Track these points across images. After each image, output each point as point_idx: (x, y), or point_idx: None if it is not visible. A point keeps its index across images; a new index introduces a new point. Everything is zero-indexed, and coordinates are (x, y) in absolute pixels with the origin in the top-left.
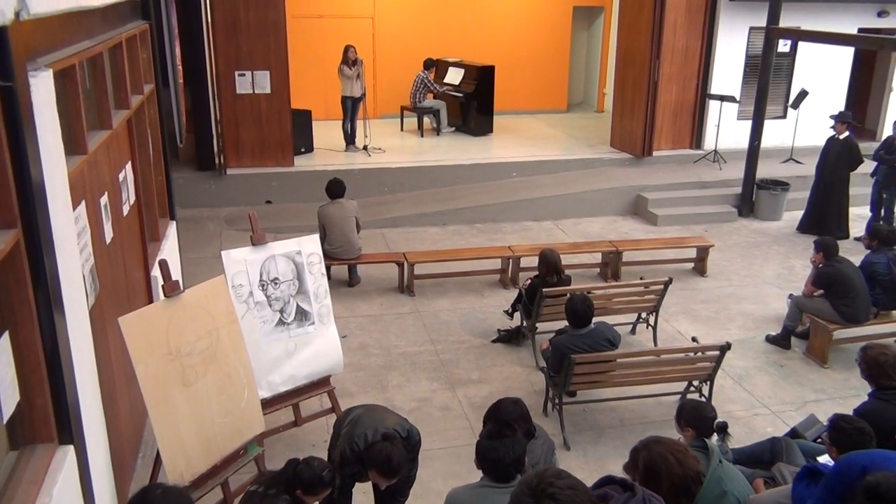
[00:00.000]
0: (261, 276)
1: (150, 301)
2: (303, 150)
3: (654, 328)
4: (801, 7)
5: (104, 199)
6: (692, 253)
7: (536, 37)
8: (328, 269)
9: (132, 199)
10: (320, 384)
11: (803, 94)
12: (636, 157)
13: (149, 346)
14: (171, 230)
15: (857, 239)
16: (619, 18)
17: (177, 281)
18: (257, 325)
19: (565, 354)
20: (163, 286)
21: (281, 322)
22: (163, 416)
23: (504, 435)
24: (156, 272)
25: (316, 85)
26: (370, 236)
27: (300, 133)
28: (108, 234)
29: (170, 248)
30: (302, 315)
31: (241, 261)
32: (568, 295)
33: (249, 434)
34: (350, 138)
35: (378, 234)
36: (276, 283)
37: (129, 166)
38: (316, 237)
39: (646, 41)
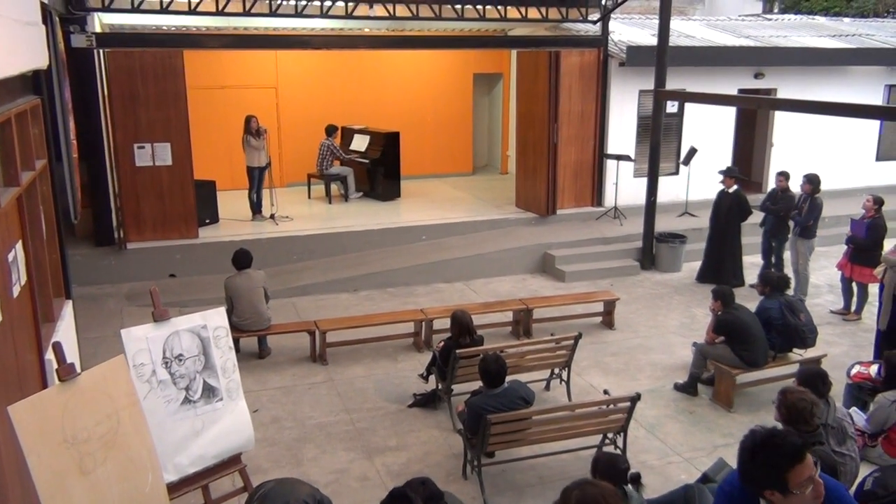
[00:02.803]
0: (164, 353)
1: (45, 386)
2: (207, 221)
3: (568, 383)
4: (685, 71)
5: None
6: (600, 307)
7: (439, 103)
8: (236, 341)
9: (23, 279)
10: (231, 463)
11: (693, 152)
12: (541, 216)
13: (42, 434)
14: (67, 310)
15: (751, 286)
16: (517, 85)
17: (72, 364)
18: (161, 405)
19: (481, 415)
20: (57, 370)
21: (187, 400)
22: None
23: None
24: (50, 355)
25: (220, 155)
26: (280, 306)
27: (204, 204)
28: None
29: (65, 329)
30: (209, 391)
31: (142, 338)
32: (481, 355)
33: None
34: (256, 207)
35: (288, 303)
36: (180, 360)
37: (19, 245)
38: (222, 310)
39: (543, 106)
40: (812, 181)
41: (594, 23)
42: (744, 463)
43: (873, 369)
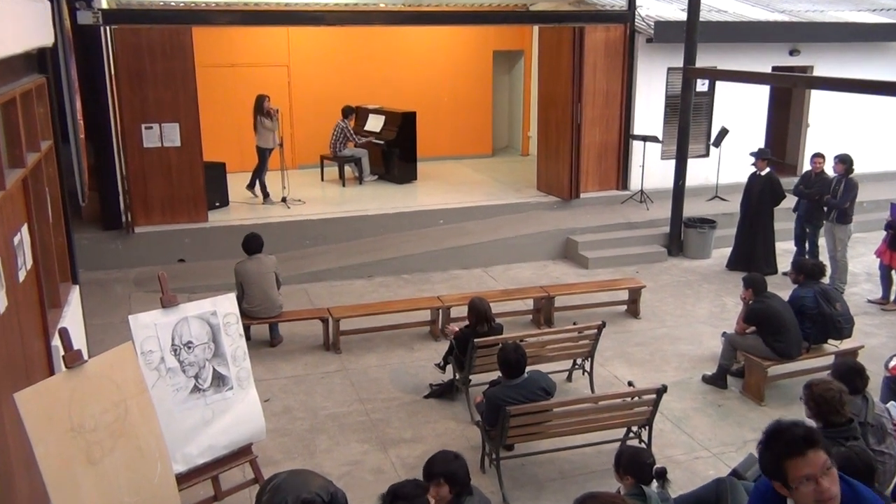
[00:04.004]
0: (173, 340)
1: (51, 373)
2: (217, 204)
3: (591, 374)
4: (716, 47)
5: None
6: (624, 295)
7: (458, 81)
8: (247, 329)
9: (29, 263)
10: (241, 453)
11: (724, 133)
12: (564, 200)
13: (49, 422)
14: (74, 295)
15: (784, 274)
16: (538, 63)
17: (79, 350)
18: (170, 394)
19: (500, 407)
20: (63, 356)
21: (196, 388)
22: (66, 498)
23: None
24: (56, 342)
25: (230, 136)
26: (292, 292)
27: (214, 186)
28: (2, 302)
29: (72, 315)
30: (219, 380)
31: (150, 325)
32: (500, 344)
33: None
34: (262, 190)
35: (300, 289)
36: (189, 348)
37: (24, 229)
38: (232, 296)
39: (566, 84)
40: (844, 161)
41: None
42: (759, 452)
43: None
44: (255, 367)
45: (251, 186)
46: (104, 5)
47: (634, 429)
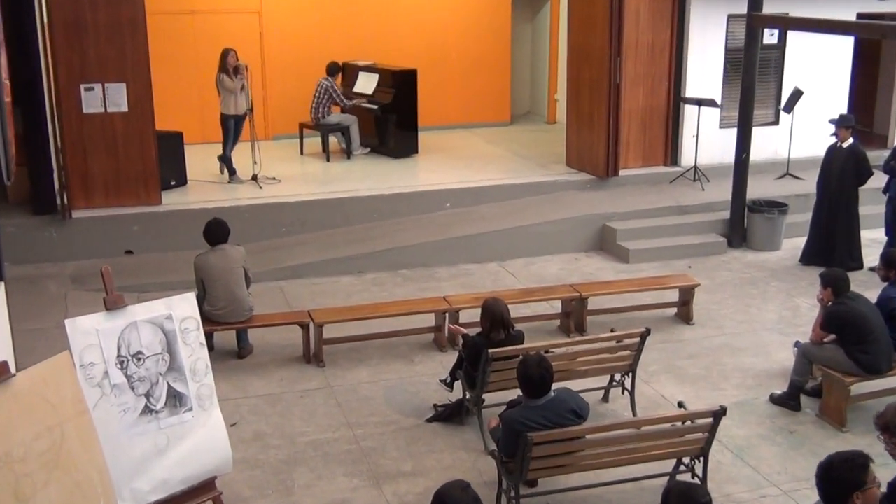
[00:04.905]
0: (119, 350)
1: None
2: (173, 183)
3: (632, 393)
4: None
5: None
6: (674, 295)
7: (468, 32)
8: (209, 336)
9: None
10: (203, 489)
11: (797, 95)
12: (599, 178)
13: None
14: None
15: (871, 269)
16: (569, 9)
17: (5, 362)
18: (115, 416)
19: (520, 433)
20: None
21: (147, 409)
22: None
23: None
24: None
25: (189, 99)
26: (264, 291)
27: (169, 162)
28: None
29: None
30: (175, 399)
31: (91, 331)
32: (520, 356)
33: None
34: (230, 167)
35: (275, 287)
36: (139, 359)
37: None
38: (192, 296)
39: (603, 36)
40: None
41: None
42: None
43: None
44: (219, 383)
45: (223, 158)
46: None
47: (686, 460)
